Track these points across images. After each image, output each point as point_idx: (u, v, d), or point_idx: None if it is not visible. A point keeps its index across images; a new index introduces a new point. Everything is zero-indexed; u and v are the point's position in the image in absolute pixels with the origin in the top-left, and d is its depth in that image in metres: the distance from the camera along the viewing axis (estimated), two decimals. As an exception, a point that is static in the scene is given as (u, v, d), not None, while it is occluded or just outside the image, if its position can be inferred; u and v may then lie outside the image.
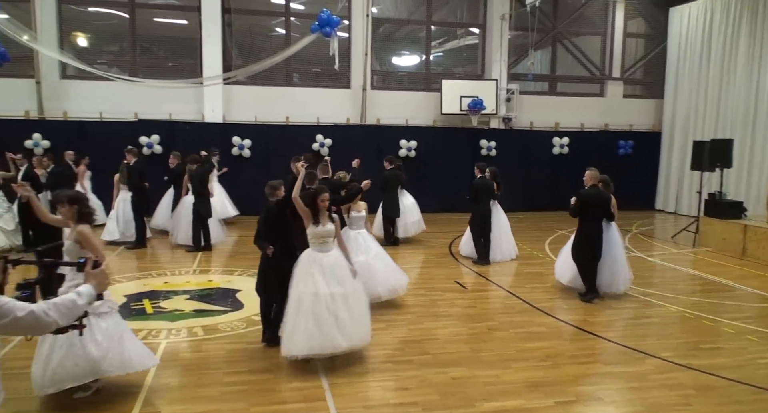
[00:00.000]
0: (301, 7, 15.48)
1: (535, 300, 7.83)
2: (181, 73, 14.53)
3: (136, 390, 4.92)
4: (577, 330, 6.74)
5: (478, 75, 16.43)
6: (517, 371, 5.54)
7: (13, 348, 5.77)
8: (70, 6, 14.09)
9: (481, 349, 6.11)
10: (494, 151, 15.78)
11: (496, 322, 6.99)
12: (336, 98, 15.27)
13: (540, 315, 7.30)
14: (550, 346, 6.22)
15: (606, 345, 6.30)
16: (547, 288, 8.51)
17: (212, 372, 5.31)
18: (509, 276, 9.22)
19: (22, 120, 13.40)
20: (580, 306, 7.67)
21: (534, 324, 6.94)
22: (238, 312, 7.12)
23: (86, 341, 4.58)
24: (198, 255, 10.15)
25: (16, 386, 4.93)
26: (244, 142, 14.28)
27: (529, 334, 6.60)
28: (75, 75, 13.85)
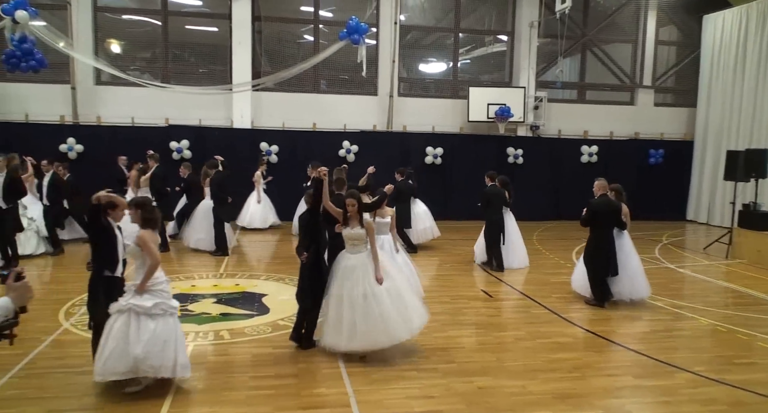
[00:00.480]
0: (330, 15, 15.62)
1: (562, 310, 7.71)
2: (211, 79, 14.76)
3: (163, 392, 4.97)
4: (605, 342, 6.62)
5: (505, 82, 16.35)
6: (543, 382, 5.45)
7: (46, 347, 5.89)
8: (105, 14, 14.44)
9: (507, 359, 6.03)
10: (521, 159, 15.65)
11: (523, 332, 6.90)
12: (363, 105, 15.34)
13: (567, 325, 7.19)
14: (577, 357, 6.12)
15: (636, 358, 6.17)
16: (574, 298, 8.38)
17: (238, 376, 5.34)
18: (536, 285, 9.10)
19: (58, 125, 13.75)
20: (608, 317, 7.53)
21: (561, 335, 6.84)
22: (264, 316, 7.16)
23: (133, 339, 4.73)
24: (225, 260, 10.25)
25: (47, 385, 5.04)
26: (271, 148, 14.42)
27: (556, 345, 6.50)
28: (108, 81, 14.18)
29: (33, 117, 13.63)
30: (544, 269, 10.28)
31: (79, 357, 5.63)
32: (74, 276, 9.18)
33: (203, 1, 15.65)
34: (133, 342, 4.71)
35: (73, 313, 7.01)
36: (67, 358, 5.62)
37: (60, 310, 7.07)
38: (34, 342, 5.92)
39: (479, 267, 10.27)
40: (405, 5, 15.93)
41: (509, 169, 15.63)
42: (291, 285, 8.66)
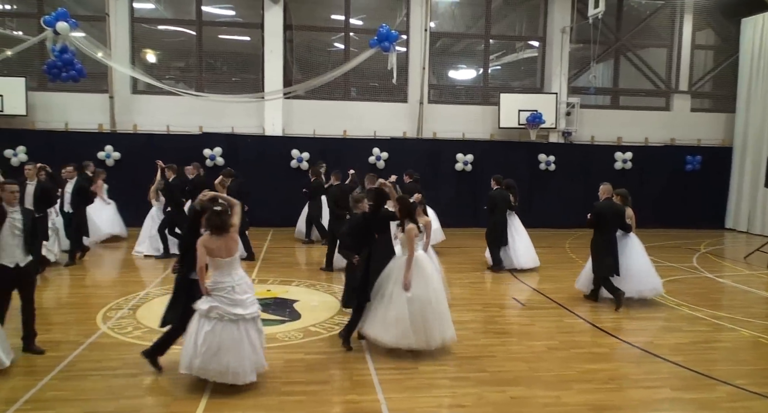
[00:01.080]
0: (360, 23, 15.72)
1: (597, 320, 7.56)
2: (244, 87, 14.98)
3: (197, 396, 5.02)
4: (642, 353, 6.45)
5: (537, 88, 16.20)
6: (578, 393, 5.34)
7: (83, 350, 6.01)
8: (142, 24, 14.80)
9: (541, 369, 5.93)
10: (553, 166, 15.46)
11: (556, 341, 6.79)
12: (393, 112, 15.37)
13: (602, 335, 7.04)
14: (613, 368, 5.99)
15: (674, 370, 6.00)
16: (609, 307, 8.20)
17: (270, 381, 5.36)
18: (569, 294, 8.92)
19: (96, 132, 14.11)
20: (645, 328, 7.36)
21: (596, 345, 6.70)
22: (296, 322, 7.19)
23: (193, 341, 5.02)
24: (256, 266, 10.34)
25: (85, 387, 5.15)
26: (302, 155, 14.54)
27: (591, 355, 6.38)
28: (145, 90, 14.52)
29: (73, 125, 14.02)
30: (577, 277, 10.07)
31: (116, 360, 5.75)
32: (111, 281, 9.42)
33: (236, 11, 15.92)
34: (195, 341, 4.99)
35: (110, 317, 7.15)
36: (105, 361, 5.73)
37: (97, 314, 7.22)
38: (73, 345, 6.05)
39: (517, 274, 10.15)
40: (435, 12, 15.94)
41: (541, 175, 15.49)
42: (322, 292, 8.72)
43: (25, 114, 13.61)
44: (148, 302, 7.90)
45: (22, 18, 15.23)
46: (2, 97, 13.35)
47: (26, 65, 13.98)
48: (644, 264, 8.33)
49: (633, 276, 8.15)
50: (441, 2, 16.27)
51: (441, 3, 16.28)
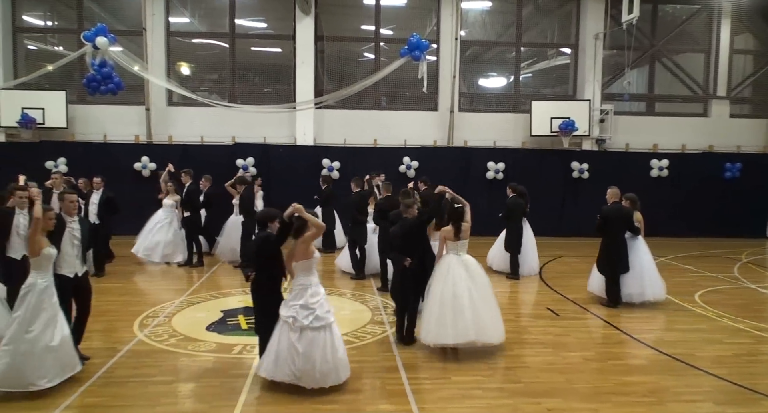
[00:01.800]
0: (390, 32, 15.81)
1: (635, 331, 7.38)
2: (276, 98, 15.18)
3: (231, 403, 5.06)
4: (683, 365, 6.26)
5: (569, 95, 16.01)
6: (616, 406, 5.21)
7: (121, 357, 6.12)
8: (177, 38, 15.15)
9: (577, 380, 5.81)
10: (586, 174, 15.21)
11: (593, 352, 6.64)
12: (423, 120, 15.37)
13: (641, 346, 6.86)
14: (653, 381, 5.82)
15: (716, 383, 5.80)
16: (647, 318, 8.02)
17: (303, 390, 5.36)
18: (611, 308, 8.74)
19: (133, 144, 14.46)
20: (685, 339, 7.15)
21: (634, 357, 6.54)
22: (328, 331, 7.18)
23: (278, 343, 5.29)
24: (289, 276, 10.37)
25: (124, 394, 5.24)
26: (333, 164, 14.62)
27: (629, 367, 6.22)
28: (179, 102, 14.83)
29: (111, 137, 14.39)
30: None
31: (153, 367, 5.85)
32: (146, 289, 9.60)
33: (268, 23, 16.18)
34: (276, 349, 5.29)
35: (147, 325, 7.28)
36: (142, 368, 5.82)
37: (134, 322, 7.36)
38: (111, 352, 6.17)
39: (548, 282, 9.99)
40: (465, 21, 15.93)
41: (574, 183, 15.27)
42: (352, 300, 8.72)
43: (66, 126, 14.02)
44: (183, 310, 8.02)
45: (62, 34, 15.76)
46: (44, 110, 13.78)
47: (67, 79, 14.45)
48: (649, 269, 8.48)
49: (637, 279, 8.35)
50: (471, 11, 16.25)
51: (471, 11, 16.26)
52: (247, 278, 5.57)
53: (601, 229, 8.40)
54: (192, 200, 11.01)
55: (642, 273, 8.40)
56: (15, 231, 6.67)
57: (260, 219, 5.67)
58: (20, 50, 14.86)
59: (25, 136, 13.88)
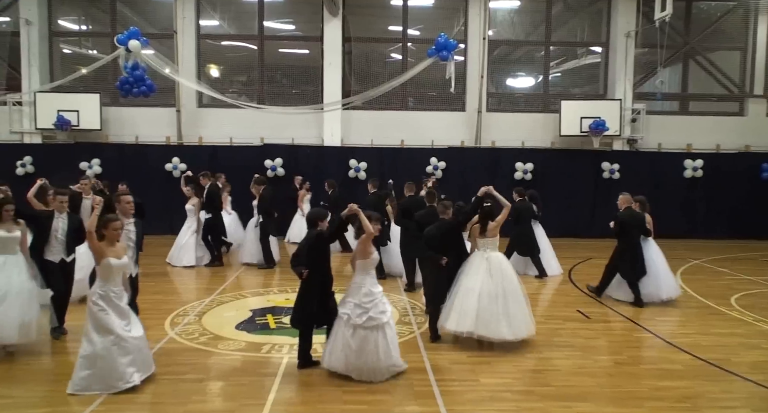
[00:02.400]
0: (417, 33, 15.78)
1: (669, 335, 7.21)
2: (303, 99, 15.28)
3: (260, 401, 5.10)
4: (719, 370, 6.10)
5: (600, 95, 15.76)
6: (650, 411, 5.10)
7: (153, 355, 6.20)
8: (207, 40, 15.37)
9: (609, 384, 5.70)
10: (617, 174, 14.94)
11: (624, 356, 6.51)
12: (450, 121, 15.31)
13: (675, 351, 6.70)
14: (687, 386, 5.67)
15: (754, 389, 5.63)
16: (681, 322, 7.84)
17: (332, 390, 5.38)
18: (637, 307, 8.57)
19: (164, 145, 14.71)
20: (721, 344, 6.95)
21: (668, 361, 6.38)
22: (355, 331, 7.19)
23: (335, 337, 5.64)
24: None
25: (158, 391, 5.31)
26: (360, 165, 14.66)
27: (663, 371, 6.07)
28: (209, 103, 15.04)
29: (142, 138, 14.67)
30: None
31: (184, 365, 5.92)
32: (177, 289, 9.73)
33: (296, 25, 16.31)
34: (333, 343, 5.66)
35: (178, 323, 7.38)
36: (173, 366, 5.90)
37: (166, 320, 7.47)
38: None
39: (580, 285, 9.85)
40: (494, 20, 15.82)
41: (605, 184, 15.01)
42: (381, 301, 8.69)
43: (99, 128, 14.35)
44: (212, 309, 8.11)
45: (96, 37, 16.13)
46: (78, 112, 14.11)
47: (101, 82, 14.80)
48: (662, 269, 8.72)
49: (652, 280, 8.56)
50: (499, 10, 16.13)
51: (499, 11, 16.14)
52: (301, 275, 5.67)
53: (618, 235, 8.64)
54: (213, 202, 11.06)
55: (658, 273, 8.62)
56: (54, 235, 6.67)
57: (310, 219, 5.89)
58: (56, 54, 15.25)
59: (61, 137, 14.24)
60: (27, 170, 13.99)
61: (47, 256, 6.63)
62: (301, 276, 5.63)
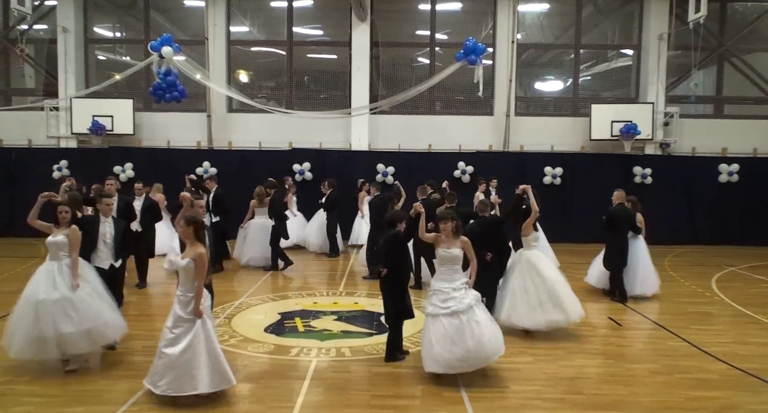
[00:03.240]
0: (445, 37, 15.74)
1: (704, 344, 7.03)
2: (331, 104, 15.36)
3: (289, 404, 5.12)
4: (757, 381, 5.92)
5: (631, 98, 15.50)
6: (686, 421, 4.97)
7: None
8: (237, 46, 15.58)
9: (642, 393, 5.57)
10: (649, 179, 14.64)
11: (658, 365, 6.36)
12: (478, 125, 15.22)
13: (710, 360, 6.53)
14: (724, 396, 5.52)
15: (796, 401, 5.46)
16: (717, 330, 7.64)
17: (360, 394, 5.38)
18: (671, 314, 8.39)
19: (195, 149, 14.94)
20: (759, 354, 6.75)
21: (703, 370, 6.22)
22: (383, 335, 7.11)
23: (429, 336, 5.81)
24: (343, 279, 10.47)
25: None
26: (387, 169, 14.66)
27: (698, 381, 5.92)
28: (239, 108, 15.23)
29: (174, 143, 14.92)
30: (680, 297, 9.48)
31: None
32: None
33: (324, 31, 16.42)
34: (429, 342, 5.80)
35: (207, 325, 7.45)
36: (203, 367, 5.95)
37: (196, 322, 7.55)
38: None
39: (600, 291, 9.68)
40: (522, 24, 15.70)
41: (636, 189, 14.63)
42: (408, 306, 8.67)
43: (132, 133, 14.64)
44: (241, 312, 8.18)
45: (130, 44, 16.49)
46: (113, 117, 14.43)
47: (134, 88, 15.11)
48: (646, 266, 9.22)
49: (637, 275, 9.08)
50: (528, 13, 16.01)
51: (528, 14, 16.02)
52: (380, 274, 6.06)
53: (608, 229, 9.05)
54: (221, 205, 10.91)
55: (637, 269, 9.13)
56: (102, 240, 6.45)
57: (391, 220, 6.35)
58: (91, 60, 15.63)
59: (95, 142, 14.57)
60: (63, 173, 14.33)
61: (96, 263, 6.41)
62: (379, 274, 6.09)
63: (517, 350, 6.63)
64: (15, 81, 15.55)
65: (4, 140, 14.96)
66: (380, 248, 6.24)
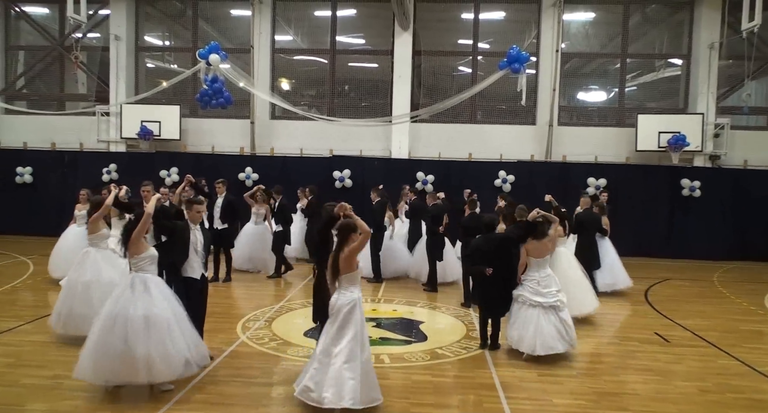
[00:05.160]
0: (487, 46, 15.66)
1: (757, 363, 6.72)
2: (372, 112, 15.45)
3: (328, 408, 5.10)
4: (817, 404, 5.63)
5: (679, 109, 15.09)
6: (740, 443, 4.75)
7: (225, 358, 6.36)
8: (281, 55, 15.84)
9: (692, 412, 5.36)
10: (698, 192, 14.18)
11: (709, 383, 6.12)
12: (520, 134, 15.05)
13: (764, 380, 6.25)
14: (781, 419, 5.27)
15: None
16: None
17: (399, 401, 5.32)
18: (721, 332, 8.06)
19: (238, 155, 15.21)
20: (818, 376, 6.43)
21: (757, 391, 5.95)
22: (422, 343, 7.14)
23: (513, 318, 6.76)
24: (382, 286, 10.44)
25: (228, 392, 5.42)
26: (427, 177, 14.61)
27: (752, 402, 5.67)
28: (281, 115, 15.46)
29: (218, 148, 15.23)
30: (730, 314, 9.12)
31: (254, 369, 6.04)
32: (247, 295, 9.95)
33: (366, 40, 16.55)
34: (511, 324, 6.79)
35: (249, 328, 7.54)
36: (244, 369, 6.01)
37: (237, 324, 7.65)
38: (216, 352, 6.40)
39: (657, 306, 9.39)
40: (567, 33, 15.49)
41: (684, 202, 14.32)
42: (447, 314, 8.61)
43: (179, 138, 15.01)
44: (281, 315, 8.25)
45: (178, 52, 16.95)
46: (160, 123, 14.82)
47: (180, 95, 15.51)
48: (616, 263, 10.08)
49: (606, 272, 9.85)
50: (573, 22, 15.80)
51: (573, 23, 15.81)
52: (487, 273, 6.72)
53: (577, 232, 9.67)
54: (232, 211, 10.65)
55: (612, 266, 9.97)
56: (193, 249, 5.93)
57: (488, 224, 7.10)
58: (141, 68, 16.12)
59: (143, 146, 14.98)
60: (111, 177, 14.78)
61: (187, 274, 5.88)
62: (487, 273, 6.70)
63: (559, 363, 6.49)
64: (69, 87, 16.15)
65: (58, 143, 15.54)
66: (482, 247, 6.90)
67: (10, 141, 15.75)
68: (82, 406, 5.07)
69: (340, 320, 4.90)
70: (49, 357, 6.24)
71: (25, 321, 7.51)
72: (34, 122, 15.50)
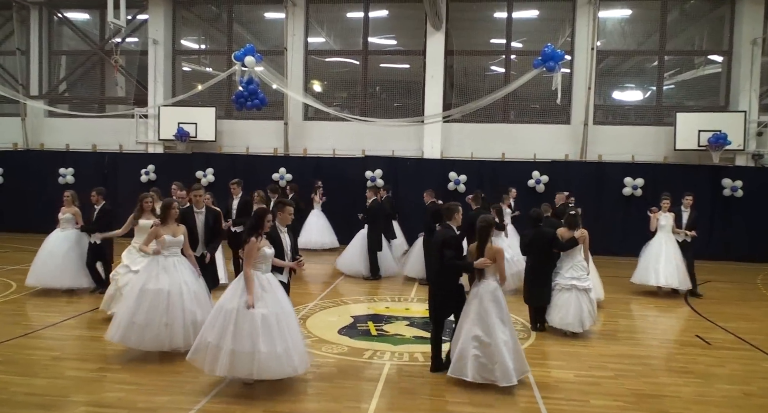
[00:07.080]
0: (520, 45, 15.51)
1: (805, 367, 6.51)
2: (404, 112, 15.45)
3: (364, 405, 5.13)
4: None
5: (720, 107, 14.69)
6: (787, 448, 4.60)
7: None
8: (314, 57, 15.98)
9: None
10: (740, 192, 13.75)
11: (754, 387, 5.94)
12: (554, 134, 14.86)
13: (813, 385, 6.04)
14: (831, 424, 5.08)
15: None
16: (820, 354, 7.05)
17: (435, 399, 5.32)
18: (765, 335, 7.80)
19: (272, 156, 15.39)
20: None
21: (806, 396, 5.75)
22: (456, 342, 7.09)
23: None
24: (414, 285, 10.42)
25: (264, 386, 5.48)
26: (459, 178, 14.54)
27: (800, 407, 5.48)
28: (314, 116, 15.59)
29: (252, 149, 15.44)
30: (776, 318, 8.83)
31: (290, 365, 6.08)
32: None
33: (398, 41, 16.58)
34: None
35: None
36: (280, 365, 6.07)
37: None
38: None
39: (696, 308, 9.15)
40: (603, 30, 15.24)
41: (725, 202, 13.92)
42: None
43: (214, 139, 15.26)
44: (316, 313, 8.31)
45: (213, 55, 17.26)
46: (196, 124, 15.11)
47: (216, 97, 15.78)
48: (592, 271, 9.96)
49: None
50: (609, 19, 15.53)
51: (609, 20, 15.55)
52: None
53: None
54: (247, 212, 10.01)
55: None
56: None
57: (536, 217, 7.74)
58: (177, 71, 16.46)
59: (180, 148, 15.29)
60: (150, 177, 15.13)
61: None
62: None
63: (596, 363, 6.39)
64: (109, 90, 16.59)
65: (98, 145, 15.97)
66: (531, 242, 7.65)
67: (53, 143, 16.26)
68: (124, 398, 5.20)
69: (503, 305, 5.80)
70: (93, 350, 6.43)
71: (69, 317, 7.75)
72: (76, 124, 15.99)
